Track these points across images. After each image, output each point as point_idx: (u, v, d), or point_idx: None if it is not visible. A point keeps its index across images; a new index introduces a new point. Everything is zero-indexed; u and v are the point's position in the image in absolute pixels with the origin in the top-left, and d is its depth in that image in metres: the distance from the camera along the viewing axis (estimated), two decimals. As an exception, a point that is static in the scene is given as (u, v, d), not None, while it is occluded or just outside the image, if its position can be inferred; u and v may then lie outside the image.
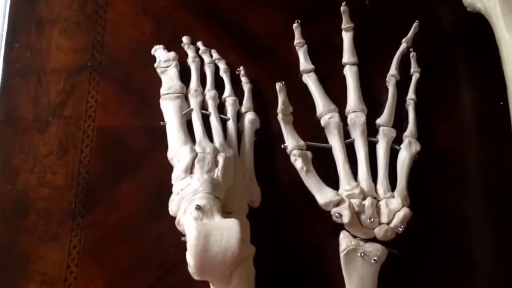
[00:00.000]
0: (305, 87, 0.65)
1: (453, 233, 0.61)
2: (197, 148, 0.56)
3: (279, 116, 0.60)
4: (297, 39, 0.65)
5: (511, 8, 0.61)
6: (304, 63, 0.64)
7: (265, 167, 0.62)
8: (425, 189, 0.61)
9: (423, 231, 0.59)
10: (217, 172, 0.54)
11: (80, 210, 0.60)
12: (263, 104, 0.64)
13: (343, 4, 0.64)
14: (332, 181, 0.59)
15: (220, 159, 0.55)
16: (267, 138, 0.63)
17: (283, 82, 0.58)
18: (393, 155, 0.61)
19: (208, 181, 0.53)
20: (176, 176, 0.55)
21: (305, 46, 0.65)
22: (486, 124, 0.65)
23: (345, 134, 0.62)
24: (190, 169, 0.54)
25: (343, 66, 0.66)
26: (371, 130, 0.62)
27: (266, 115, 0.64)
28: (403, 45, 0.65)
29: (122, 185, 0.61)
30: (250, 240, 0.55)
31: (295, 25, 0.65)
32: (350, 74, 0.64)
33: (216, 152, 0.56)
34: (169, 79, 0.62)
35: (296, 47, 0.66)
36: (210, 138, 0.59)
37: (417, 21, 0.64)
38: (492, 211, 0.62)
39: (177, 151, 0.56)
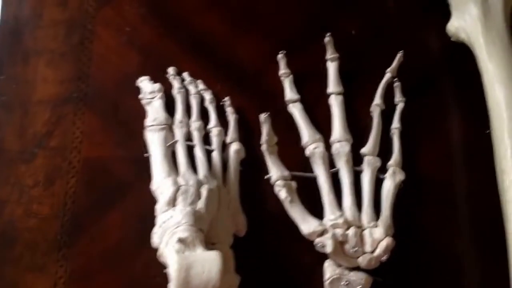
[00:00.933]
0: (290, 116, 0.65)
1: (437, 260, 0.61)
2: (180, 180, 0.56)
3: (263, 147, 0.60)
4: (282, 70, 0.66)
5: (494, 39, 0.61)
6: (290, 93, 0.65)
7: (251, 196, 0.62)
8: (410, 217, 0.61)
9: (408, 258, 0.59)
10: (200, 204, 0.55)
11: (66, 240, 0.60)
12: (249, 134, 0.65)
13: (327, 35, 0.64)
14: (317, 210, 0.59)
15: (204, 191, 0.56)
16: (253, 167, 0.63)
17: (267, 113, 0.58)
18: (378, 183, 0.61)
19: (190, 213, 0.53)
20: (159, 208, 0.55)
21: (291, 76, 0.66)
22: (471, 152, 0.66)
23: (331, 163, 0.62)
24: (173, 202, 0.55)
25: (328, 95, 0.65)
26: (357, 159, 0.62)
27: (251, 145, 0.65)
28: (388, 75, 0.65)
29: (107, 215, 0.62)
30: (235, 270, 0.56)
31: (279, 56, 0.66)
32: (335, 104, 0.65)
33: (199, 184, 0.56)
34: (154, 110, 0.62)
35: (281, 78, 0.66)
36: (196, 169, 0.59)
37: (401, 51, 0.65)
38: (478, 240, 0.62)
39: (160, 183, 0.56)
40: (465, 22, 0.64)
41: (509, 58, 0.61)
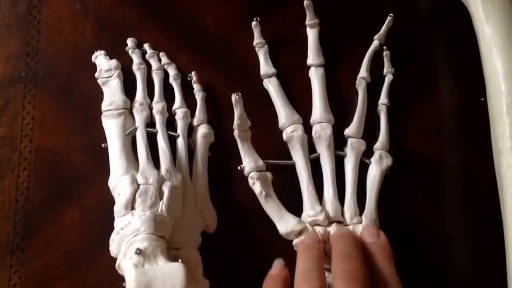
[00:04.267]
0: (266, 93, 0.60)
1: (426, 247, 0.57)
2: (139, 178, 0.51)
3: (235, 133, 0.55)
4: (257, 39, 0.60)
5: (492, -5, 0.54)
6: (265, 66, 0.59)
7: (222, 186, 0.58)
8: (397, 202, 0.56)
9: (396, 251, 0.53)
10: (162, 206, 0.50)
11: (19, 243, 0.56)
12: (219, 113, 0.59)
13: (306, -3, 0.58)
14: (296, 202, 0.55)
15: (166, 190, 0.51)
16: (224, 152, 0.58)
17: (239, 94, 0.53)
18: (363, 168, 0.56)
19: (150, 219, 0.48)
20: (117, 211, 0.50)
21: (266, 46, 0.60)
22: (465, 123, 0.61)
23: (311, 146, 0.56)
24: (131, 204, 0.50)
25: (308, 67, 0.59)
26: (340, 141, 0.57)
27: (222, 126, 0.59)
28: (375, 43, 0.59)
29: (65, 213, 0.57)
30: (203, 274, 0.52)
31: (254, 23, 0.59)
32: (315, 78, 0.59)
33: (161, 181, 0.51)
34: (111, 92, 0.56)
35: (256, 48, 0.60)
36: (159, 161, 0.54)
37: (391, 14, 0.58)
38: (472, 226, 0.58)
39: (117, 181, 0.52)
40: (459, -25, 0.57)
41: (509, 17, 0.54)
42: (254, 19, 0.59)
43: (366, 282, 0.44)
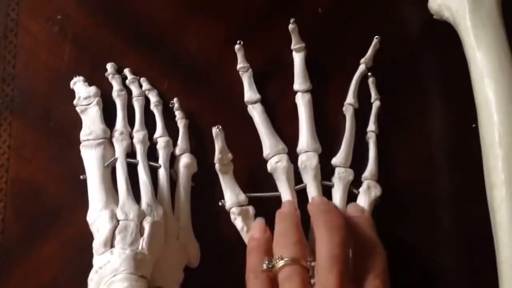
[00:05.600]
0: (250, 119, 0.58)
1: (419, 281, 0.57)
2: (119, 213, 0.50)
3: (217, 167, 0.54)
4: (241, 63, 0.58)
5: (483, 20, 0.53)
6: (249, 92, 0.58)
7: (206, 218, 0.56)
8: (387, 234, 0.54)
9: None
10: (142, 243, 0.49)
11: (-5, 277, 0.53)
12: (202, 141, 0.58)
13: (291, 21, 0.56)
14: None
15: (146, 226, 0.49)
16: (208, 182, 0.57)
17: (220, 127, 0.52)
18: (352, 198, 0.55)
19: (130, 258, 0.47)
20: (95, 249, 0.49)
21: (250, 70, 0.58)
22: (457, 149, 0.60)
23: (297, 176, 0.56)
24: (110, 242, 0.49)
25: (294, 93, 0.58)
26: (328, 170, 0.55)
27: (205, 155, 0.58)
28: (361, 67, 0.57)
29: (42, 246, 0.56)
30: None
31: (237, 46, 0.58)
32: (302, 104, 0.58)
33: (141, 216, 0.50)
34: (90, 120, 0.55)
35: (240, 72, 0.58)
36: (139, 193, 0.53)
37: (377, 37, 0.56)
38: (464, 257, 0.57)
39: (96, 217, 0.50)
40: (449, -2, 0.55)
41: (502, 45, 0.52)
42: (237, 42, 0.57)
43: (347, 233, 0.46)
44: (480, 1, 0.54)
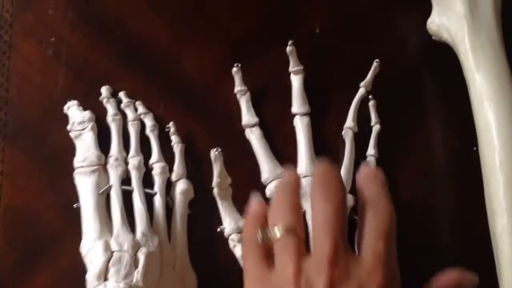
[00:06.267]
0: (248, 142, 0.57)
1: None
2: (113, 244, 0.49)
3: (215, 191, 0.53)
4: (238, 86, 0.57)
5: (483, 42, 0.52)
6: (247, 115, 0.57)
7: (203, 247, 0.55)
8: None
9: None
10: (137, 276, 0.48)
11: (-12, 308, 0.52)
12: (199, 166, 0.57)
13: (289, 43, 0.55)
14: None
15: (141, 257, 0.48)
16: (205, 208, 0.56)
17: (219, 150, 0.51)
18: (352, 224, 0.53)
19: (124, 291, 0.45)
20: (89, 282, 0.48)
21: (248, 94, 0.57)
22: (458, 172, 0.58)
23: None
24: (104, 274, 0.48)
25: (292, 116, 0.57)
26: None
27: (202, 180, 0.57)
28: (361, 90, 0.56)
29: (36, 276, 0.55)
30: None
31: (234, 69, 0.57)
32: (300, 127, 0.57)
33: (136, 247, 0.49)
34: (84, 146, 0.54)
35: (237, 95, 0.57)
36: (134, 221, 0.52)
37: (376, 60, 0.55)
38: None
39: (90, 248, 0.49)
40: (448, 20, 0.55)
41: (502, 67, 0.51)
42: (235, 65, 0.56)
43: (342, 199, 0.42)
44: (479, 23, 0.53)
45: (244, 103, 0.58)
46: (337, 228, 0.40)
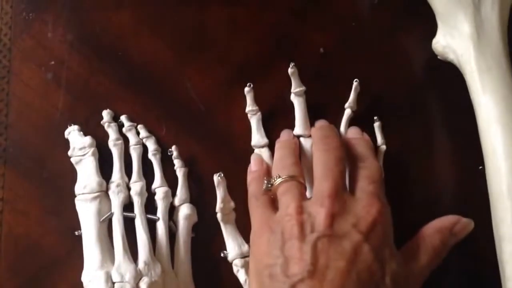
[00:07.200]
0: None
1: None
2: (114, 275, 0.48)
3: (218, 216, 0.53)
4: (250, 106, 0.57)
5: (489, 63, 0.51)
6: (257, 135, 0.57)
7: (207, 270, 0.55)
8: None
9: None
10: (139, 307, 0.46)
11: (-11, 337, 0.52)
12: (202, 190, 0.57)
13: (291, 65, 0.54)
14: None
15: (143, 287, 0.47)
16: (209, 232, 0.56)
17: (221, 174, 0.51)
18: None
19: (127, 323, 0.45)
20: (91, 313, 0.47)
21: (259, 113, 0.57)
22: (465, 192, 0.58)
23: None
24: (105, 306, 0.46)
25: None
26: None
27: (206, 203, 0.57)
28: (347, 111, 0.56)
29: (37, 305, 0.53)
30: None
31: (247, 89, 0.56)
32: (305, 148, 0.56)
33: (138, 277, 0.49)
34: (85, 173, 0.54)
35: (248, 115, 0.57)
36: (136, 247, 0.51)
37: (356, 80, 0.56)
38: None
39: (91, 278, 0.48)
40: (454, 41, 0.54)
41: (509, 89, 0.51)
42: (248, 84, 0.56)
43: (343, 153, 0.50)
44: (486, 44, 0.52)
45: (254, 123, 0.57)
46: (336, 173, 0.47)
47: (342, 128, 0.57)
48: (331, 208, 0.45)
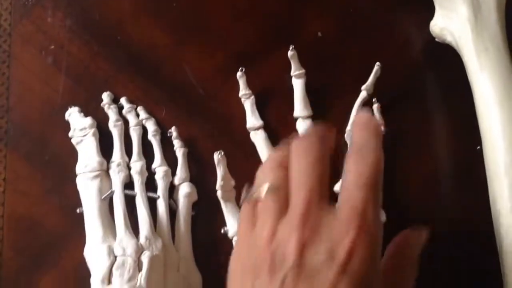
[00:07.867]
0: (252, 146, 0.57)
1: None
2: (116, 249, 0.49)
3: (219, 194, 0.54)
4: (243, 90, 0.58)
5: (486, 44, 0.52)
6: (251, 118, 0.57)
7: (207, 248, 0.56)
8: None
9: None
10: (141, 279, 0.48)
11: (-8, 318, 0.53)
12: (202, 169, 0.58)
13: (291, 48, 0.55)
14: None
15: (145, 261, 0.49)
16: (209, 210, 0.57)
17: (222, 152, 0.51)
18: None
19: (128, 295, 0.46)
20: (93, 286, 0.48)
21: (252, 97, 0.57)
22: (463, 173, 0.58)
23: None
24: (107, 279, 0.48)
25: (295, 119, 0.57)
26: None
27: (205, 183, 0.58)
28: (363, 93, 0.56)
29: (40, 280, 0.55)
30: None
31: (239, 74, 0.57)
32: (303, 130, 0.56)
33: (139, 251, 0.49)
34: (86, 153, 0.55)
35: (242, 99, 0.58)
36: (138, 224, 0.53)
37: (378, 63, 0.56)
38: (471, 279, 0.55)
39: (93, 252, 0.49)
40: (452, 23, 0.55)
41: (506, 69, 0.52)
42: (239, 69, 0.57)
43: (324, 151, 0.41)
44: (483, 26, 0.53)
45: (248, 106, 0.58)
46: (313, 178, 0.38)
47: (355, 111, 0.58)
48: (301, 234, 0.36)
